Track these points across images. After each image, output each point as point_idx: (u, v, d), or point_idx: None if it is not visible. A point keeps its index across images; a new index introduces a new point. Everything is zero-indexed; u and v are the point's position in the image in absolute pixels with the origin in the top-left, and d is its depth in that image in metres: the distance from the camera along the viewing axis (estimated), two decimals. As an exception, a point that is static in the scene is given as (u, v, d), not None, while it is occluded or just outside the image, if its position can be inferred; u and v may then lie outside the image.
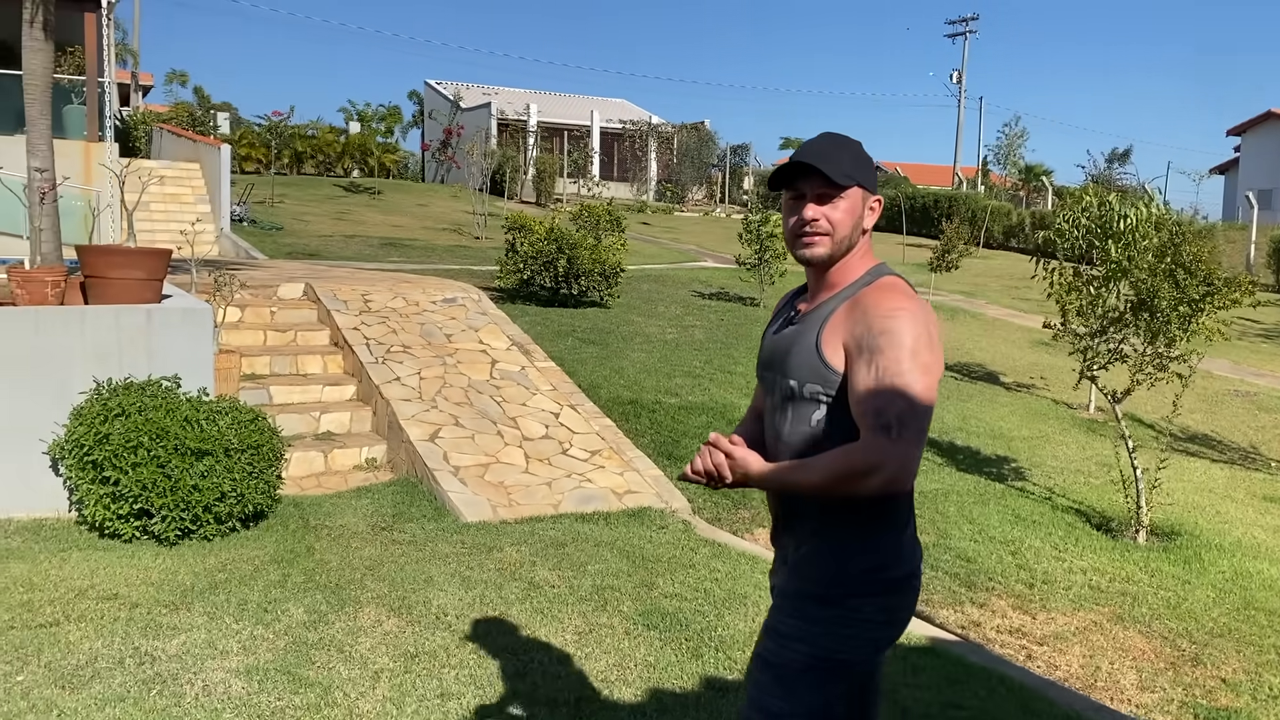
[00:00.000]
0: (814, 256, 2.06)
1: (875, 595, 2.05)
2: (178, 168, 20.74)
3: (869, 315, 1.96)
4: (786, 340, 2.13)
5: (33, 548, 5.27)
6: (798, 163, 2.04)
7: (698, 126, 37.00)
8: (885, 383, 1.88)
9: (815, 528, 2.09)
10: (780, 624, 2.13)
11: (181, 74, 39.03)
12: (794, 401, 2.07)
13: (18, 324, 5.68)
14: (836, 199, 2.05)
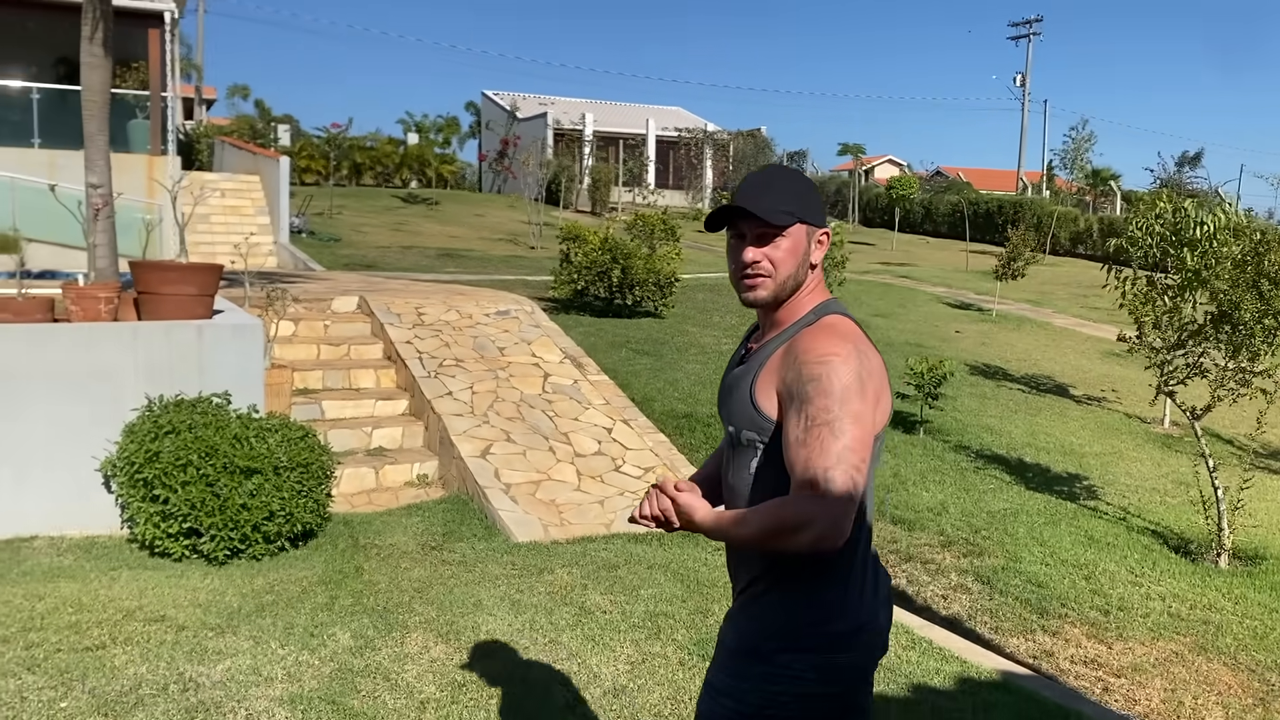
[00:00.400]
0: (756, 299, 1.99)
1: (807, 652, 1.95)
2: (238, 180, 21.04)
3: (799, 360, 1.88)
4: (733, 382, 2.06)
5: (84, 566, 5.24)
6: (736, 206, 1.96)
7: (754, 133, 36.76)
8: (812, 434, 1.79)
9: (755, 577, 2.02)
10: (714, 678, 2.06)
11: (243, 87, 39.79)
12: (736, 448, 2.02)
13: (71, 340, 5.67)
14: (777, 238, 1.96)
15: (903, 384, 9.80)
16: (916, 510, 7.28)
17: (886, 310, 15.32)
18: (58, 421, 5.67)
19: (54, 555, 5.40)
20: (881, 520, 7.08)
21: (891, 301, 16.21)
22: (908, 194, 29.76)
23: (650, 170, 34.45)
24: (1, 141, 16.61)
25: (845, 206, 35.45)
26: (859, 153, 36.21)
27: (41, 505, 5.67)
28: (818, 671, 1.95)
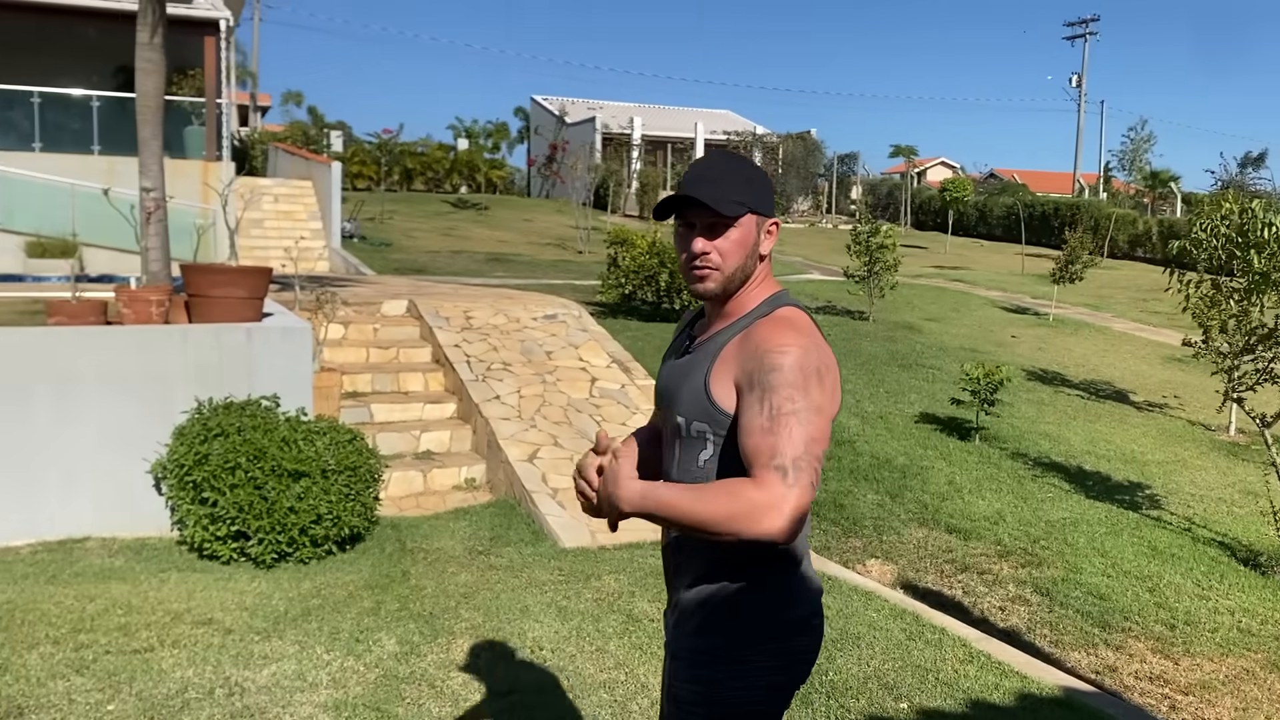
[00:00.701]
0: (705, 291, 1.95)
1: (766, 643, 1.94)
2: (291, 185, 21.28)
3: (760, 350, 1.84)
4: (679, 372, 2.01)
5: (134, 568, 5.27)
6: (685, 196, 1.90)
7: (804, 136, 36.50)
8: (779, 423, 1.75)
9: (703, 570, 1.96)
10: (678, 690, 2.01)
11: (297, 94, 40.41)
12: (682, 439, 1.96)
13: (123, 343, 5.71)
14: (727, 229, 1.92)
15: (958, 390, 9.60)
16: (972, 519, 7.10)
17: (939, 314, 15.07)
18: (109, 423, 5.72)
19: (105, 556, 5.44)
20: (936, 529, 6.92)
21: (945, 305, 15.95)
22: (962, 196, 29.34)
23: (699, 174, 34.33)
24: (63, 149, 16.96)
25: (897, 209, 35.05)
26: (911, 155, 35.79)
27: (94, 507, 5.72)
28: (783, 659, 1.96)
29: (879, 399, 9.75)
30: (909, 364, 11.36)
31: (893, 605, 5.25)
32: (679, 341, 2.13)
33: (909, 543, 6.71)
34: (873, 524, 6.92)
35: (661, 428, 2.10)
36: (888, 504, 7.27)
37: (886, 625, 4.93)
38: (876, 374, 10.71)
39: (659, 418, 2.18)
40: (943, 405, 9.65)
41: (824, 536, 6.71)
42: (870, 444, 8.39)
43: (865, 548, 6.61)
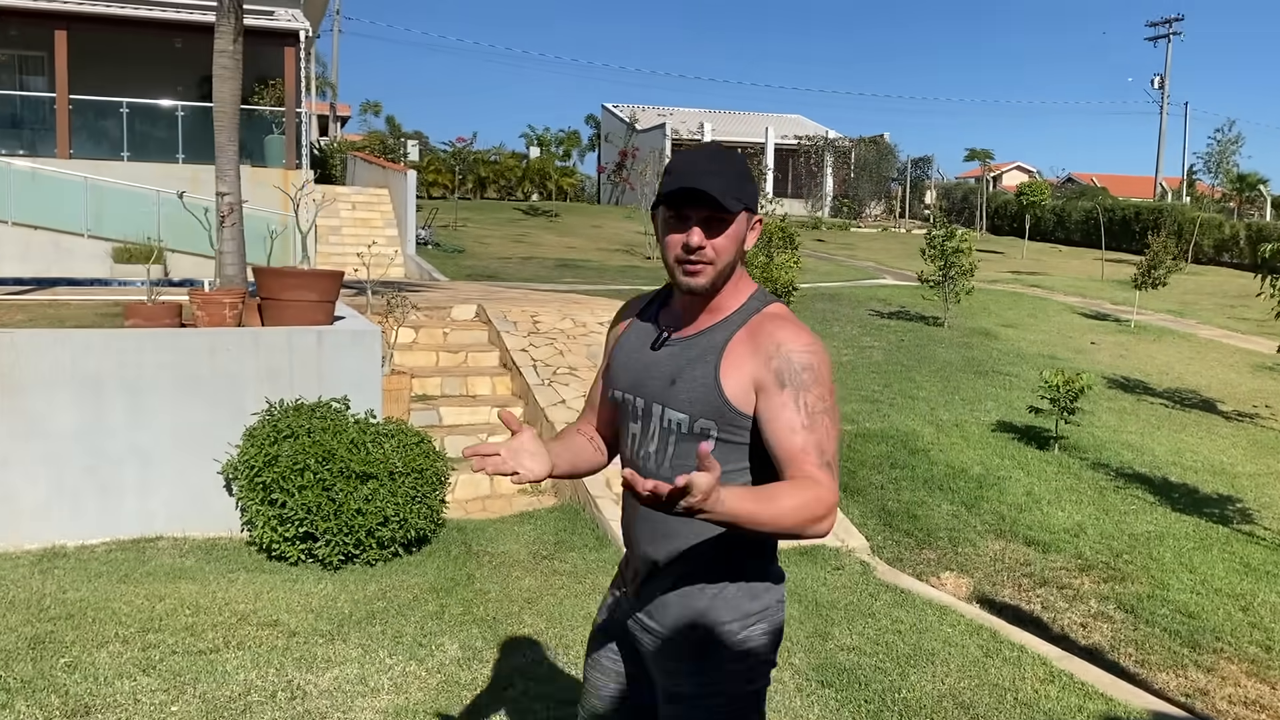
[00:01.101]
0: (697, 286, 1.91)
1: (759, 623, 1.97)
2: (368, 193, 21.62)
3: (785, 350, 1.86)
4: (666, 366, 1.97)
5: (204, 568, 5.32)
6: (687, 188, 1.86)
7: (876, 140, 36.03)
8: (817, 421, 1.81)
9: (691, 565, 1.96)
10: (683, 687, 1.98)
11: (375, 104, 41.10)
12: (677, 435, 1.94)
13: (196, 345, 5.79)
14: (725, 225, 1.90)
15: (1036, 397, 9.31)
16: (1051, 531, 6.85)
17: (1016, 320, 14.69)
18: (182, 424, 5.80)
19: (177, 556, 5.51)
20: (1013, 541, 6.69)
21: (1021, 311, 15.55)
22: (1039, 200, 28.64)
23: (768, 179, 34.09)
24: (149, 157, 17.46)
25: (972, 214, 34.38)
26: (987, 159, 35.08)
27: (167, 506, 5.80)
28: (772, 636, 2.00)
29: (954, 407, 9.50)
30: (985, 371, 11.07)
31: (968, 620, 5.07)
32: (641, 332, 2.07)
33: (985, 555, 6.50)
34: (947, 535, 6.72)
35: (623, 418, 2.07)
36: (963, 515, 7.06)
37: (962, 641, 4.75)
38: (951, 381, 10.45)
39: (607, 410, 2.17)
40: (1020, 413, 9.37)
41: (896, 548, 6.53)
42: (945, 453, 8.17)
43: (939, 560, 6.41)
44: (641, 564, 2.04)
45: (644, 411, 2.00)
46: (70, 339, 5.58)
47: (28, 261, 15.39)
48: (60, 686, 3.83)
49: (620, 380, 2.07)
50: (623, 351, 2.09)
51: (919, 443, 8.32)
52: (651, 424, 1.99)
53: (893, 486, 7.43)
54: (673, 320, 2.03)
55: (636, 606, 2.07)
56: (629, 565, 2.10)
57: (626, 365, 2.06)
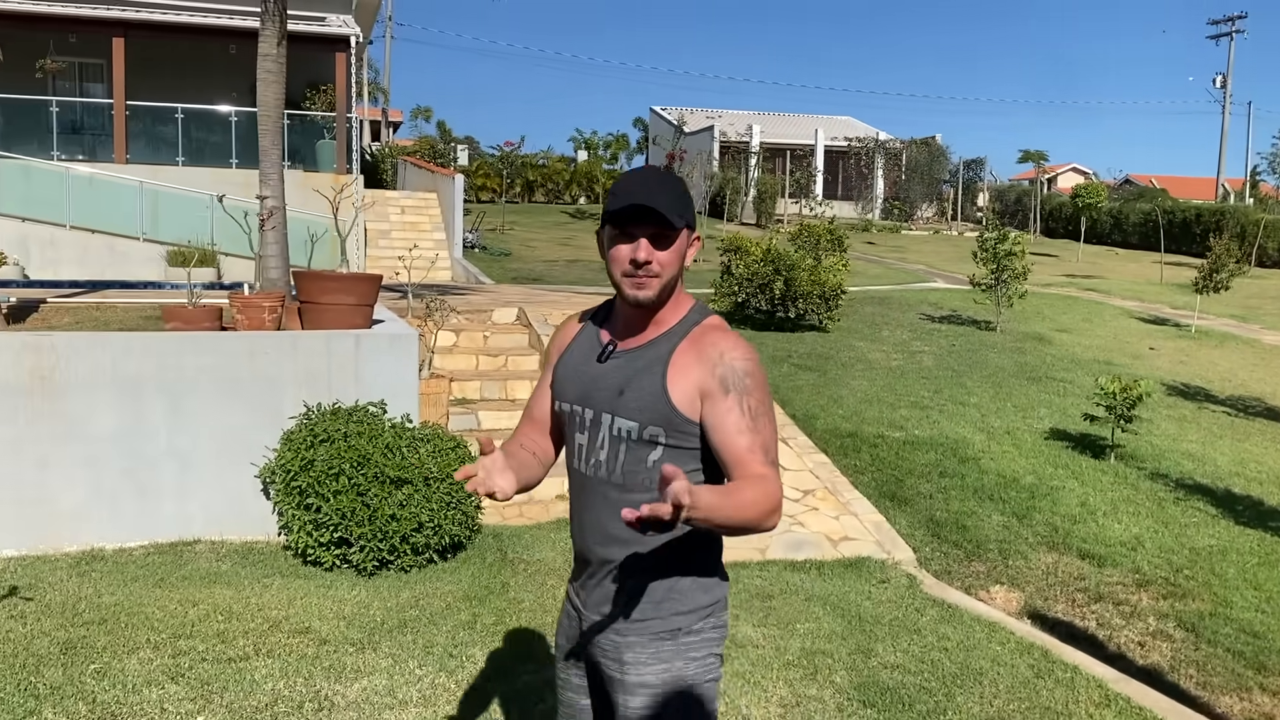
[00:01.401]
0: (644, 299, 2.01)
1: (709, 617, 2.06)
2: (417, 198, 21.75)
3: (728, 357, 1.98)
4: (613, 378, 2.05)
5: (239, 572, 5.30)
6: (637, 205, 1.96)
7: (928, 141, 35.54)
8: (759, 423, 1.94)
9: (643, 561, 2.03)
10: (641, 676, 2.04)
11: (426, 110, 41.46)
12: (627, 443, 2.02)
13: (234, 348, 5.78)
14: (670, 241, 2.01)
15: (1091, 405, 9.03)
16: (1107, 544, 6.61)
17: (1071, 325, 14.33)
18: (221, 427, 5.79)
19: (213, 560, 5.49)
20: (1067, 554, 6.46)
21: (1076, 316, 15.17)
22: (1095, 202, 28.04)
23: (818, 181, 33.79)
24: (203, 162, 17.71)
25: (1026, 216, 33.77)
26: (1041, 160, 34.45)
27: (205, 510, 5.79)
28: (720, 632, 2.09)
29: (1006, 414, 9.25)
30: (1038, 377, 10.79)
31: (1019, 638, 4.87)
32: (584, 345, 2.15)
33: (1037, 568, 6.28)
34: (997, 547, 6.51)
35: (569, 429, 2.13)
36: (1014, 526, 6.84)
37: (1012, 661, 4.56)
38: (1003, 387, 10.19)
39: (552, 421, 2.22)
40: (1074, 421, 9.09)
41: (945, 560, 6.34)
42: (996, 461, 7.94)
43: (989, 573, 6.21)
44: (596, 565, 2.09)
45: (592, 421, 2.07)
46: (110, 342, 5.60)
47: (85, 265, 15.67)
48: (88, 693, 3.80)
49: (567, 392, 2.13)
50: (567, 365, 2.16)
51: (969, 450, 8.10)
52: (600, 433, 2.06)
53: (941, 496, 7.22)
54: (616, 334, 2.11)
55: (591, 608, 2.11)
56: (582, 569, 2.14)
57: (573, 378, 2.13)
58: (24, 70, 14.69)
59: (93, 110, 18.64)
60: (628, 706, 2.05)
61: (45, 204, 15.80)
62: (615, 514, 1.91)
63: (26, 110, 17.39)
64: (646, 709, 2.03)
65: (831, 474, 7.16)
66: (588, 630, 2.11)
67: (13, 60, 12.59)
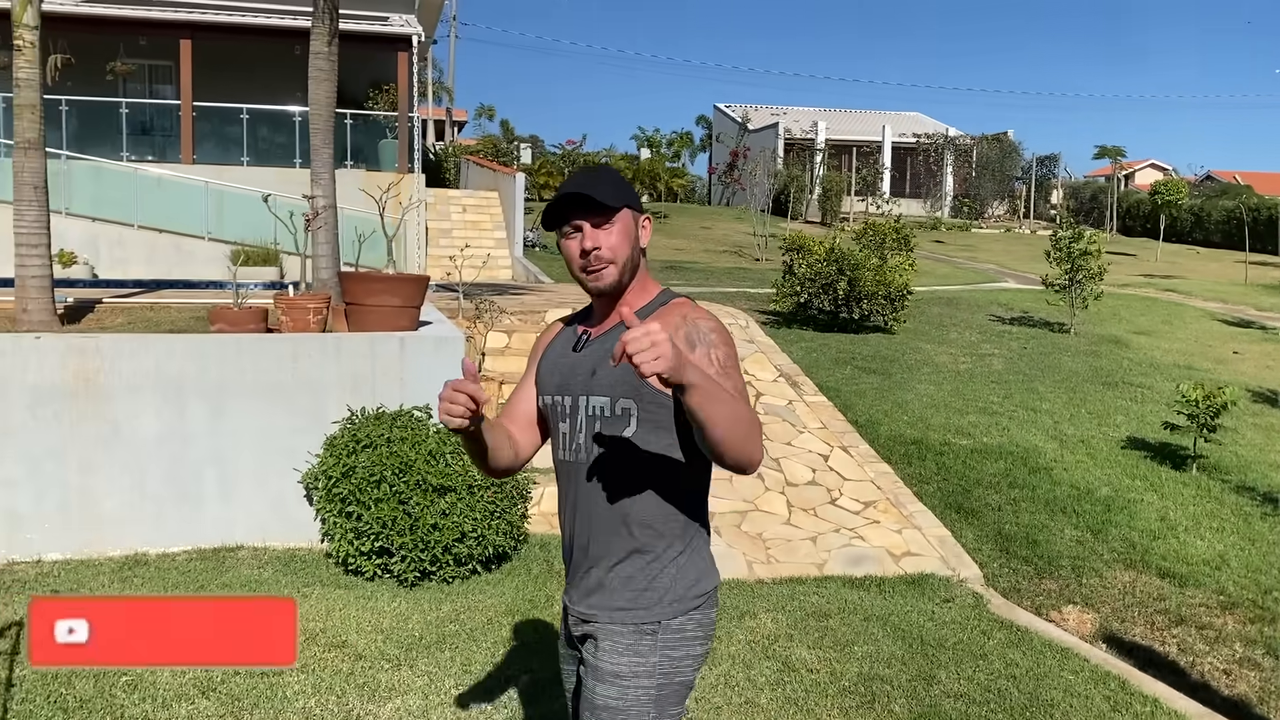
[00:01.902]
0: (605, 285, 2.07)
1: (694, 611, 2.06)
2: (478, 196, 21.77)
3: (690, 318, 2.04)
4: (586, 362, 2.11)
5: (279, 580, 5.19)
6: (568, 196, 2.04)
7: (999, 137, 34.68)
8: (730, 373, 1.96)
9: (627, 549, 2.04)
10: (615, 664, 2.03)
11: (489, 109, 41.66)
12: (600, 420, 2.06)
13: (279, 351, 5.68)
14: (609, 224, 2.06)
15: (1171, 412, 8.58)
16: (1189, 562, 6.22)
17: (1149, 327, 13.76)
18: (265, 432, 5.70)
19: (255, 567, 5.39)
20: (1145, 572, 6.09)
21: (1155, 318, 14.57)
22: (1175, 199, 27.05)
23: (885, 178, 33.16)
24: (268, 161, 17.90)
25: (1101, 214, 32.77)
26: (1118, 156, 33.36)
27: (247, 515, 5.71)
28: (703, 629, 2.08)
29: (1080, 421, 8.84)
30: (1114, 382, 10.32)
31: (1094, 666, 4.55)
32: (573, 337, 2.18)
33: (1113, 587, 5.93)
34: (1071, 564, 6.16)
35: (554, 421, 2.15)
36: (1089, 541, 6.47)
37: (1087, 691, 4.25)
38: (1078, 393, 9.76)
39: (520, 420, 2.24)
40: (1153, 429, 8.64)
41: (1014, 577, 6.01)
42: (1069, 472, 7.56)
43: (1061, 591, 5.87)
44: (582, 555, 2.09)
45: (571, 408, 2.10)
46: (153, 344, 5.53)
47: (152, 264, 15.91)
48: (118, 707, 3.70)
49: (548, 385, 2.17)
50: (547, 360, 2.20)
51: (1041, 460, 7.73)
52: (578, 417, 2.09)
53: (1011, 508, 6.88)
54: (591, 326, 2.17)
55: (578, 600, 2.11)
56: (572, 565, 2.14)
57: (552, 370, 2.17)
58: (95, 73, 14.94)
59: (161, 111, 18.95)
60: (594, 692, 2.05)
61: (114, 204, 16.07)
62: (600, 499, 2.01)
63: (98, 112, 17.73)
64: (612, 698, 2.03)
65: (894, 484, 6.86)
66: (576, 620, 2.13)
67: (84, 63, 12.78)
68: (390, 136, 18.92)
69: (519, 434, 2.24)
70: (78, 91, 16.55)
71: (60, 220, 13.94)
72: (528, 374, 2.29)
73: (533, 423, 2.24)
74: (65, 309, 7.90)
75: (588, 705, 2.07)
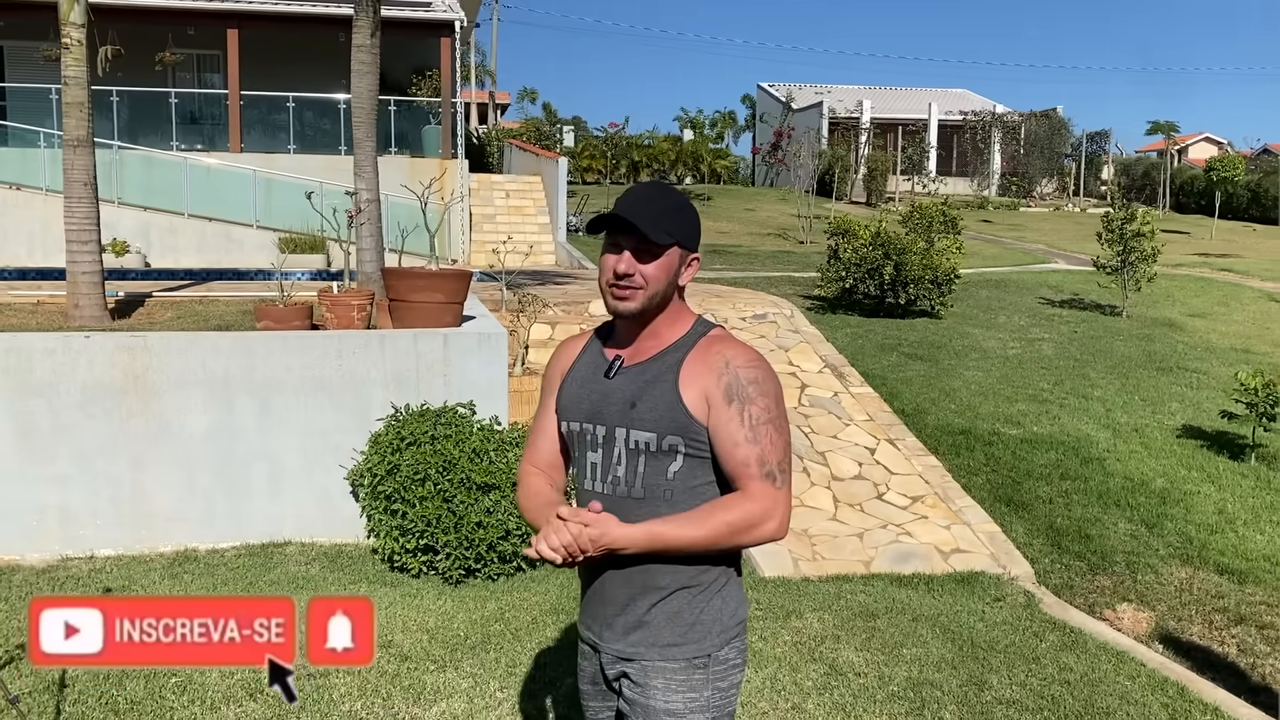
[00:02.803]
0: (625, 310, 2.02)
1: (734, 640, 2.07)
2: (521, 181, 21.73)
3: (733, 365, 1.99)
4: (624, 392, 2.04)
5: (326, 577, 5.23)
6: (618, 216, 1.99)
7: (1048, 113, 33.98)
8: (763, 431, 1.94)
9: (680, 582, 2.01)
10: (668, 702, 2.02)
11: (532, 91, 41.71)
12: (645, 455, 2.01)
13: (323, 349, 5.71)
14: (654, 256, 2.00)
15: (1229, 400, 8.37)
16: (1248, 557, 6.07)
17: (1204, 309, 13.43)
18: (310, 428, 5.73)
19: (302, 563, 5.44)
20: (1203, 568, 5.95)
21: (1210, 299, 14.22)
22: (1231, 175, 26.40)
23: (931, 157, 32.67)
24: (314, 149, 18.05)
25: (1154, 191, 32.04)
26: (1171, 131, 32.59)
27: (295, 511, 5.76)
28: (743, 655, 2.10)
29: (1133, 408, 8.65)
30: (1169, 367, 10.09)
31: (1150, 671, 4.45)
32: (605, 363, 2.10)
33: (1169, 584, 5.80)
34: (1124, 559, 6.04)
35: (580, 449, 2.09)
36: (1143, 535, 6.34)
37: (1143, 698, 4.15)
38: (1130, 379, 9.55)
39: (552, 456, 2.19)
40: (1210, 417, 8.43)
41: (1066, 573, 5.90)
42: (1123, 462, 7.40)
43: (1115, 588, 5.75)
44: (616, 590, 2.04)
45: (605, 438, 2.04)
46: (199, 342, 5.58)
47: (202, 251, 16.13)
48: (167, 710, 3.74)
49: (574, 411, 2.09)
50: (573, 384, 2.12)
51: (1093, 450, 7.57)
52: (615, 448, 2.03)
53: (1062, 501, 6.75)
54: (621, 351, 2.09)
55: (613, 639, 2.07)
56: (599, 599, 2.09)
57: (580, 396, 2.09)
58: (144, 63, 15.09)
59: (209, 101, 19.16)
60: None
61: (165, 193, 16.30)
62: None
63: (148, 102, 17.96)
64: None
65: (942, 478, 6.75)
66: (612, 660, 2.08)
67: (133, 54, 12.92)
68: (434, 122, 18.96)
69: (554, 475, 2.19)
70: (128, 82, 16.76)
71: (112, 210, 14.22)
72: (547, 403, 2.20)
73: (559, 453, 2.19)
74: (116, 303, 8.01)
75: None
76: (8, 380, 5.35)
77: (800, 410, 7.42)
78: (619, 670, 2.07)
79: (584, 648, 2.18)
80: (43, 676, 3.94)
